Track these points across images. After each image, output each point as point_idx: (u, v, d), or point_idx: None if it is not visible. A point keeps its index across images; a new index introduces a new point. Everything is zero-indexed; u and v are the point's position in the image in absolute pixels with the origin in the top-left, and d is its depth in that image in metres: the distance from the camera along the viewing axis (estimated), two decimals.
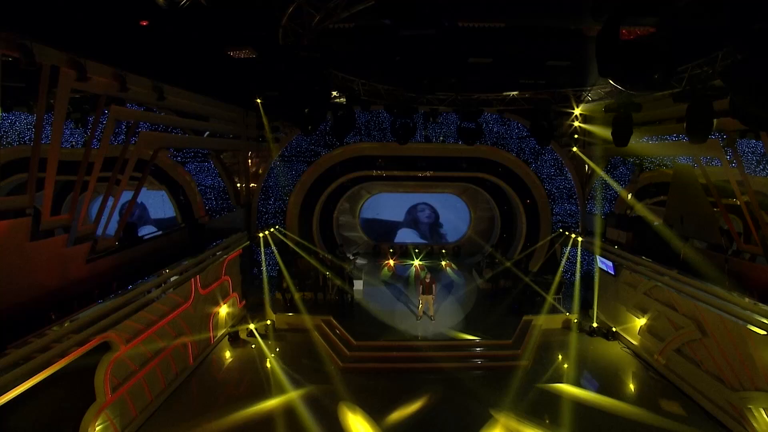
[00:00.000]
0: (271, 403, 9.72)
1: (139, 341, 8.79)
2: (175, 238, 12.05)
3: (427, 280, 12.81)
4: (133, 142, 10.18)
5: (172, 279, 9.68)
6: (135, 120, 10.31)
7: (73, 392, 7.23)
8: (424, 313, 13.25)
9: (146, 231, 15.31)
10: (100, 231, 8.79)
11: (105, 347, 7.74)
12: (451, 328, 12.71)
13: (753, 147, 17.65)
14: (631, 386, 10.45)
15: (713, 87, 6.73)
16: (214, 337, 12.38)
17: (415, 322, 13.05)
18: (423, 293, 12.91)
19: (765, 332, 7.62)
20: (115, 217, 9.81)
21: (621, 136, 8.98)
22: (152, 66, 10.12)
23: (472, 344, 11.93)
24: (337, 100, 10.07)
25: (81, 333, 6.77)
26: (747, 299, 7.99)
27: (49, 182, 7.07)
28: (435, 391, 10.04)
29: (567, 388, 10.16)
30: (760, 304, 7.75)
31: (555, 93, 10.61)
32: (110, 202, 9.10)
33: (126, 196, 10.53)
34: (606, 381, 10.50)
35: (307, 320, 13.23)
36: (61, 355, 6.41)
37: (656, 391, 10.13)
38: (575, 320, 13.20)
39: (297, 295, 14.49)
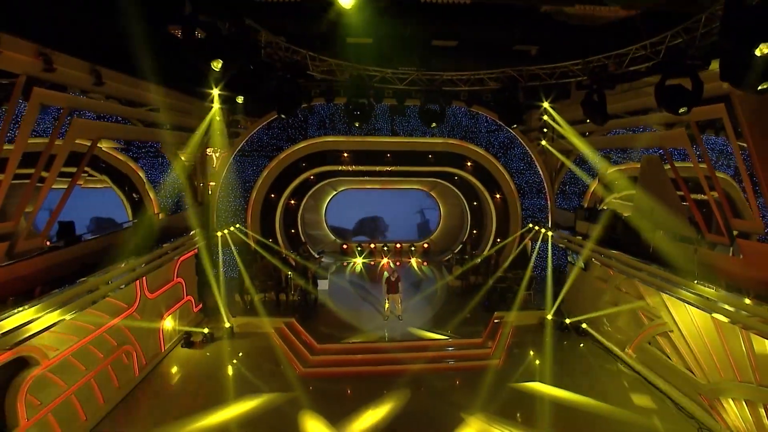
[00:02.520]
0: (228, 414, 8.91)
1: (67, 354, 7.78)
2: (121, 238, 10.93)
3: (393, 279, 12.25)
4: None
5: (110, 282, 8.65)
6: (66, 106, 9.19)
7: None
8: (391, 312, 12.67)
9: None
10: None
11: (22, 363, 6.75)
12: (420, 327, 12.20)
13: (712, 144, 18.03)
14: (603, 382, 10.18)
15: (695, 56, 6.44)
16: (165, 345, 11.38)
17: (381, 323, 12.47)
18: (389, 292, 12.35)
19: (727, 320, 7.48)
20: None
21: (597, 113, 8.56)
22: (88, 46, 9.15)
23: (440, 344, 11.45)
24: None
25: None
26: (711, 288, 7.83)
27: None
28: (402, 395, 9.47)
29: (539, 386, 9.81)
30: (723, 291, 7.61)
31: (524, 72, 10.04)
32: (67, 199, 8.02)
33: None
34: (578, 377, 10.23)
35: (268, 323, 12.43)
36: None
37: (628, 385, 9.93)
38: (547, 316, 12.95)
39: (257, 297, 13.66)
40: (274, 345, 11.65)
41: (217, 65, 6.23)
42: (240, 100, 8.08)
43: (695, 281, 8.15)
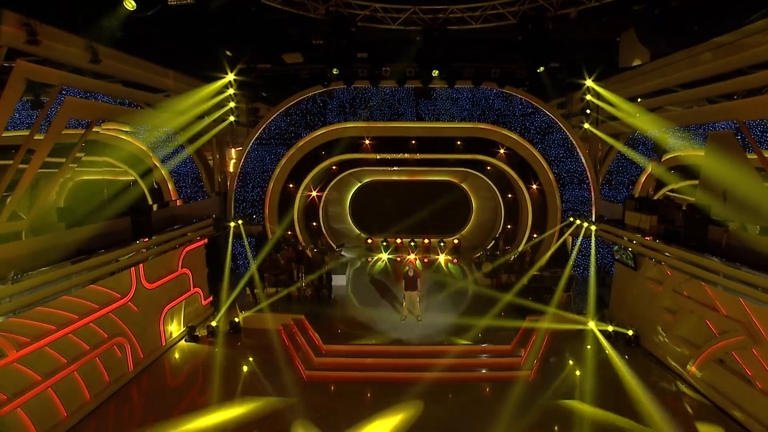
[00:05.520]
0: (219, 417, 8.07)
1: (43, 344, 7.19)
2: (121, 225, 10.40)
3: (411, 274, 10.98)
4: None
5: (90, 271, 7.95)
6: (59, 84, 8.68)
7: None
8: (409, 312, 11.42)
9: None
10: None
11: None
12: (440, 330, 10.86)
13: None
14: (658, 405, 8.37)
15: None
16: (166, 339, 10.77)
17: (398, 323, 11.24)
18: (406, 289, 11.10)
19: None
20: None
21: (660, 37, 6.53)
22: (84, 22, 8.65)
23: (462, 350, 10.05)
24: None
25: None
26: None
27: None
28: (414, 408, 8.22)
29: (577, 405, 8.22)
30: None
31: None
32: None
33: None
34: (626, 397, 8.52)
35: (277, 319, 11.58)
36: None
37: (691, 411, 8.12)
38: (589, 322, 11.20)
39: (270, 290, 12.91)
40: (280, 343, 10.76)
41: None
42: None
43: None
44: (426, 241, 18.14)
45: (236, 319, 11.77)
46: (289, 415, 8.11)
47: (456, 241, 18.14)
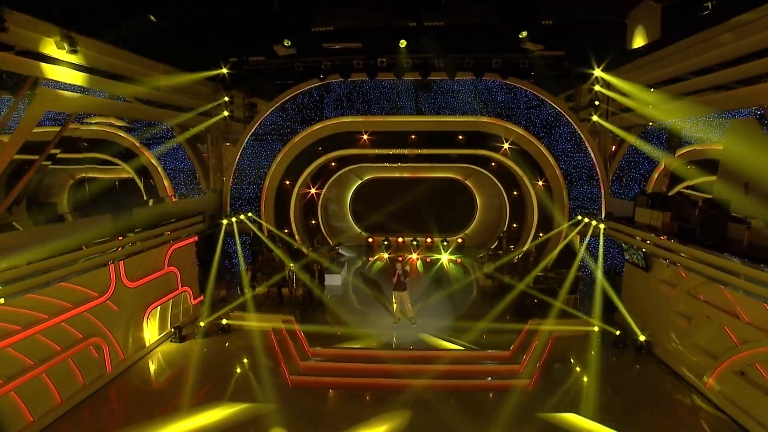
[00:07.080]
0: (197, 423, 7.59)
1: (4, 345, 6.82)
2: (103, 222, 10.04)
3: (399, 272, 10.36)
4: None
5: (60, 269, 7.56)
6: (33, 75, 8.31)
7: None
8: (402, 314, 10.81)
9: None
10: None
11: None
12: (434, 334, 10.23)
13: None
14: (671, 420, 7.62)
15: None
16: (150, 339, 10.38)
17: (391, 326, 10.64)
18: (395, 289, 10.49)
19: None
20: None
21: None
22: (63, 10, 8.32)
23: (456, 356, 9.41)
24: None
25: None
26: None
27: None
28: (399, 418, 7.62)
29: (579, 420, 7.49)
30: None
31: None
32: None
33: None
34: (635, 410, 7.78)
35: (266, 320, 11.10)
36: None
37: (707, 428, 7.32)
38: (595, 327, 10.43)
39: (260, 289, 12.49)
40: (267, 345, 10.27)
41: None
42: None
43: None
44: (428, 240, 17.54)
45: (224, 321, 11.33)
46: (269, 422, 7.59)
47: (459, 240, 17.50)
